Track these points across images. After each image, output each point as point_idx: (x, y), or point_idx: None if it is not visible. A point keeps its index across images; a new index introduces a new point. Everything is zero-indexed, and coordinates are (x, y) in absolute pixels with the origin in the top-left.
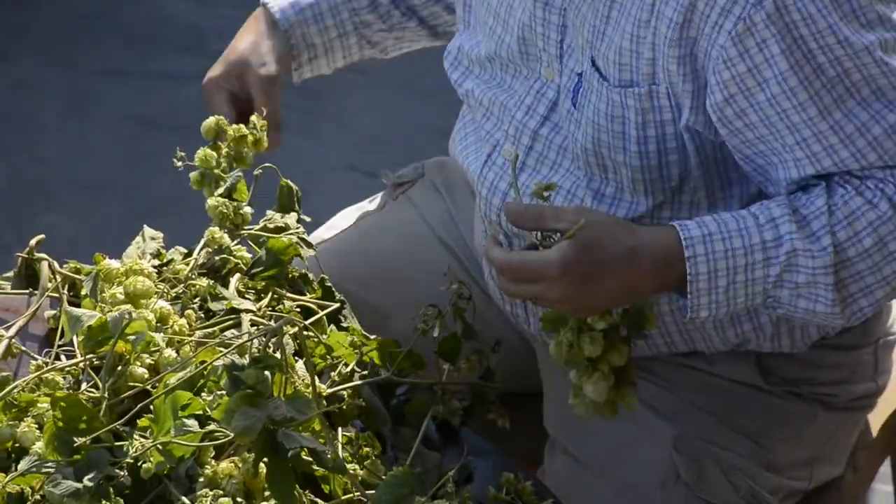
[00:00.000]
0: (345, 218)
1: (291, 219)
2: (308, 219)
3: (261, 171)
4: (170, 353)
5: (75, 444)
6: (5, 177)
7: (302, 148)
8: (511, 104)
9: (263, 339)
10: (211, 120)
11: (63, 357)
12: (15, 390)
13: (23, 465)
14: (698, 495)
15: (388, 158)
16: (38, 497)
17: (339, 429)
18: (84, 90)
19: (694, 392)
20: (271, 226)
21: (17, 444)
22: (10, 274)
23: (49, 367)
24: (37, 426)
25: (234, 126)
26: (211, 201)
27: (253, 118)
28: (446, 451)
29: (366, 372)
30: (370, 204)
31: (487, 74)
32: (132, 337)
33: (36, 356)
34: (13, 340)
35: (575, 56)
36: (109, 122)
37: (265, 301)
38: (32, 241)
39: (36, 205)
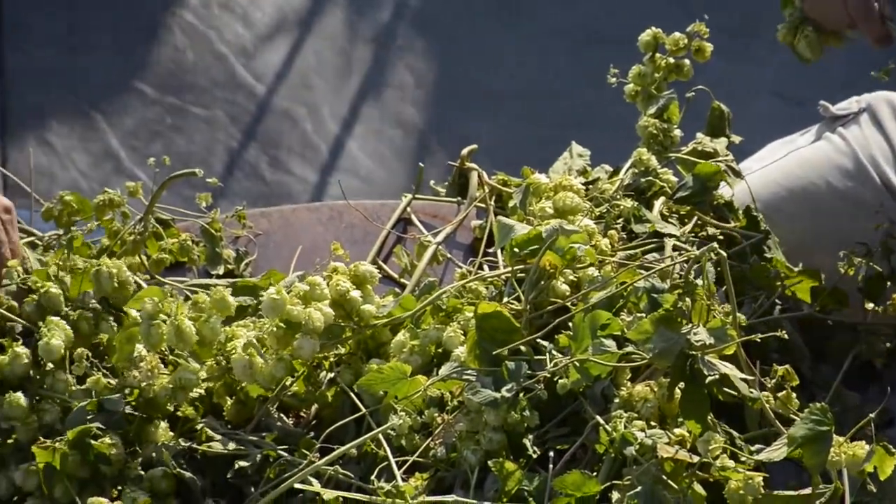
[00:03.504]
0: (775, 150)
1: (721, 144)
2: (737, 140)
3: (693, 93)
4: (592, 271)
5: (495, 355)
6: (429, 81)
7: (730, 72)
8: None
9: (685, 264)
10: (649, 32)
11: (486, 267)
12: (443, 296)
13: (444, 369)
14: None
15: (817, 88)
16: (456, 403)
17: (757, 361)
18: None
19: None
20: (700, 149)
21: (439, 349)
22: (446, 182)
23: (473, 277)
24: (461, 332)
25: (674, 36)
26: (641, 121)
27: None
28: (866, 393)
29: (787, 305)
30: (801, 137)
31: None
32: (576, 245)
33: (461, 264)
34: (440, 247)
35: None
36: (537, 32)
37: (688, 226)
38: (464, 151)
39: (459, 110)
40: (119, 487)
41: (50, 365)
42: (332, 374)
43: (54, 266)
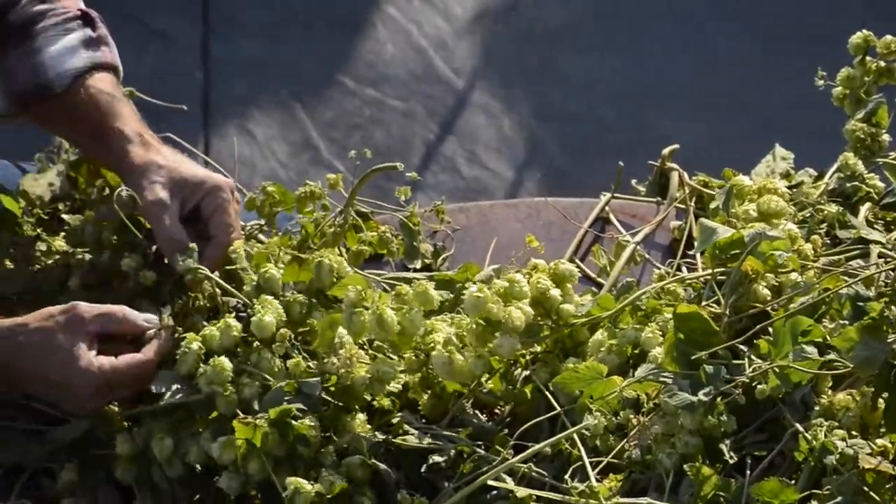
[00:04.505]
0: None
1: None
2: None
3: None
4: (794, 276)
5: (693, 358)
6: (630, 79)
7: None
8: None
9: (892, 272)
10: (859, 35)
11: (684, 269)
12: (643, 297)
13: (641, 371)
14: None
15: None
16: (652, 405)
17: None
18: None
19: None
20: None
21: (636, 350)
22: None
23: (672, 278)
24: (659, 333)
25: (885, 39)
26: (849, 125)
27: None
28: None
29: None
30: None
31: None
32: (777, 252)
33: (658, 265)
34: (638, 247)
35: None
36: (738, 31)
37: (895, 234)
38: (665, 151)
39: (659, 109)
40: (311, 471)
41: (257, 343)
42: (527, 372)
43: (273, 251)
